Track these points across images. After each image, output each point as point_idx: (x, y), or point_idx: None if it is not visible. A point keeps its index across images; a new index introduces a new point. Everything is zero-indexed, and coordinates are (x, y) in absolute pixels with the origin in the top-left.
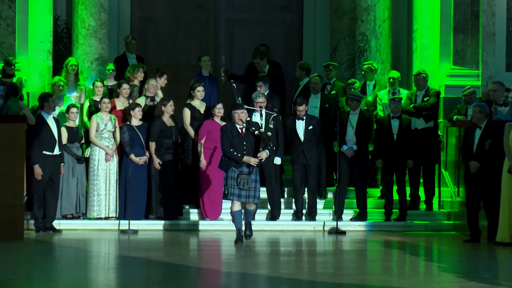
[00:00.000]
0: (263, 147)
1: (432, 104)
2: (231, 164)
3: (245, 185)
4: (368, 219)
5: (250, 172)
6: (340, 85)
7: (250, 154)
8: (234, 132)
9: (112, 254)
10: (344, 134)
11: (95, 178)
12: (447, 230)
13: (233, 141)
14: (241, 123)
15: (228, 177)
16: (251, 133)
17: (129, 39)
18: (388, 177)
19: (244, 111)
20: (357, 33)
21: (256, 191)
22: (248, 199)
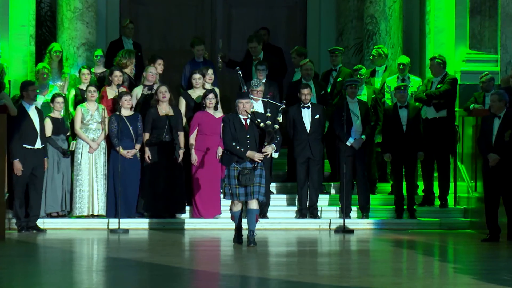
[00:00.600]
0: (269, 141)
1: (442, 92)
2: (233, 159)
3: (247, 181)
4: (377, 216)
5: (254, 168)
6: (347, 72)
7: (254, 148)
8: (237, 123)
9: (100, 256)
10: (349, 126)
11: (78, 173)
12: (463, 228)
13: (236, 134)
14: (246, 114)
15: (230, 175)
16: (256, 125)
17: (126, 23)
18: (398, 172)
19: (250, 101)
20: (366, 15)
21: (261, 187)
22: (252, 196)
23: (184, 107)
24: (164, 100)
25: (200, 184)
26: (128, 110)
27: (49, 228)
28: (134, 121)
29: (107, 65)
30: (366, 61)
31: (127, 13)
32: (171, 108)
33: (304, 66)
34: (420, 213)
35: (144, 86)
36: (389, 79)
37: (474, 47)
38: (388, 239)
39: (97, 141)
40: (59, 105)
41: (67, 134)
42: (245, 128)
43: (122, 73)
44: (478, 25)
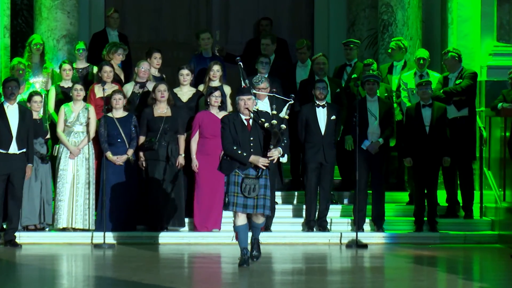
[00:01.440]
0: (275, 144)
1: (464, 88)
2: (234, 166)
3: (251, 192)
4: (393, 229)
5: (259, 176)
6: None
7: (258, 152)
8: (238, 124)
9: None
10: (365, 127)
11: (57, 181)
12: (490, 242)
13: (237, 136)
14: (248, 113)
15: (230, 182)
16: (260, 125)
17: (111, 12)
18: (419, 179)
19: (252, 98)
20: (380, 3)
21: (266, 199)
22: (256, 209)
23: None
24: (163, 100)
25: (200, 194)
26: (120, 111)
27: (25, 242)
28: (127, 123)
29: (90, 60)
30: (381, 55)
31: (113, 2)
32: (169, 108)
33: (317, 60)
34: (442, 226)
35: (135, 83)
36: (406, 75)
37: (502, 39)
38: (406, 255)
39: (79, 145)
40: (37, 104)
41: (46, 137)
42: (248, 129)
43: (113, 68)
44: (507, 14)
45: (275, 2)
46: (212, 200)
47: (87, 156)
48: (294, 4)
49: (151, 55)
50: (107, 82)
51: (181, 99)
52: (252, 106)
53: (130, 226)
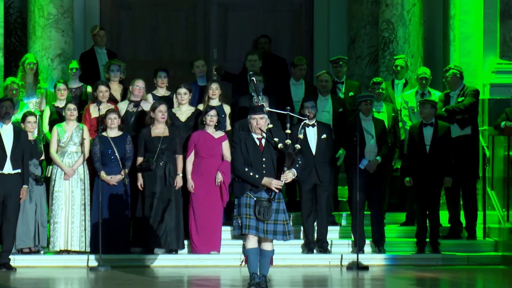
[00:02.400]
0: (289, 166)
1: (467, 106)
2: (245, 188)
3: (265, 215)
4: (395, 250)
5: (271, 199)
6: (355, 85)
7: (271, 174)
8: (250, 144)
9: None
10: (363, 146)
11: (52, 203)
12: (494, 263)
13: (249, 157)
14: (260, 132)
15: (241, 204)
16: (273, 146)
17: (96, 30)
18: (420, 199)
19: (265, 116)
20: (381, 20)
21: (277, 224)
22: (266, 234)
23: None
24: (162, 121)
25: (196, 214)
26: (115, 131)
27: (19, 266)
28: (122, 142)
29: (82, 79)
30: (382, 73)
31: (108, 19)
32: (167, 128)
33: (320, 78)
34: (445, 247)
35: (129, 101)
36: (407, 93)
37: (506, 56)
38: (408, 277)
39: (74, 166)
40: (31, 125)
41: (40, 158)
42: (260, 149)
43: (108, 88)
44: (510, 31)
45: (274, 20)
46: (209, 221)
47: (82, 176)
48: (293, 21)
49: (156, 74)
50: (102, 102)
51: (179, 118)
52: (265, 125)
53: (125, 248)
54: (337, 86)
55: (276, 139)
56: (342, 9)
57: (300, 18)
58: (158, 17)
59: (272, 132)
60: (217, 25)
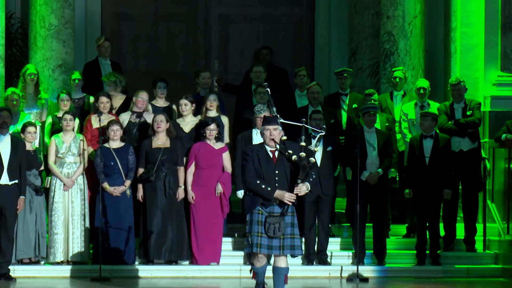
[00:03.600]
0: (303, 179)
1: (479, 119)
2: (257, 202)
3: (276, 231)
4: (395, 262)
5: (284, 213)
6: (359, 97)
7: (284, 187)
8: (262, 156)
9: None
10: (364, 158)
11: (52, 214)
12: (494, 276)
13: (261, 169)
14: (274, 144)
15: (253, 221)
16: (287, 158)
17: (101, 41)
18: (420, 211)
19: (279, 128)
20: (382, 32)
21: (295, 239)
22: (282, 251)
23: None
24: (160, 131)
25: (196, 226)
26: (117, 142)
27: (19, 276)
28: (124, 154)
29: (83, 90)
30: (383, 85)
31: (109, 30)
32: (169, 139)
33: (311, 89)
34: (445, 259)
35: (132, 113)
36: (406, 105)
37: (507, 69)
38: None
39: (73, 177)
40: (31, 135)
41: (40, 168)
42: (273, 161)
43: (110, 99)
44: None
45: (275, 31)
46: (209, 232)
47: (81, 187)
48: (294, 33)
49: (156, 84)
50: (103, 113)
51: (183, 129)
52: (279, 136)
53: (127, 259)
54: (341, 98)
55: (290, 151)
56: (343, 21)
57: (301, 29)
58: (159, 28)
59: (286, 144)
60: (218, 36)
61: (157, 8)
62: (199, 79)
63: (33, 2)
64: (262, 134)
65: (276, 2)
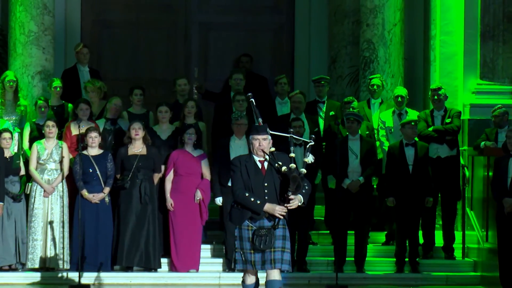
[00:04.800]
0: (294, 191)
1: (459, 127)
2: (245, 215)
3: (264, 245)
4: (374, 270)
5: (275, 227)
6: (336, 105)
7: (274, 200)
8: (250, 167)
9: None
10: (346, 165)
11: (31, 220)
12: (473, 284)
13: (249, 181)
14: (263, 155)
15: (243, 238)
16: (276, 169)
17: (79, 48)
18: (402, 218)
19: (268, 137)
20: (362, 40)
21: (285, 252)
22: (273, 264)
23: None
24: (137, 138)
25: (175, 233)
26: (96, 149)
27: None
28: (103, 161)
29: (62, 97)
30: (362, 92)
31: (89, 37)
32: (145, 146)
33: (293, 98)
34: (424, 267)
35: (106, 120)
36: (384, 113)
37: (486, 77)
38: None
39: (53, 183)
40: (6, 141)
41: (20, 174)
42: (262, 173)
43: (89, 106)
44: (491, 51)
45: (255, 39)
46: (188, 239)
47: (61, 194)
48: (274, 41)
49: (132, 92)
50: (83, 120)
51: (160, 136)
52: (268, 147)
53: (105, 266)
54: (318, 106)
55: (280, 162)
56: (323, 29)
57: (281, 37)
58: (139, 35)
59: (274, 155)
60: (198, 44)
61: (137, 16)
62: (175, 87)
63: (13, 8)
64: (250, 144)
65: (256, 10)
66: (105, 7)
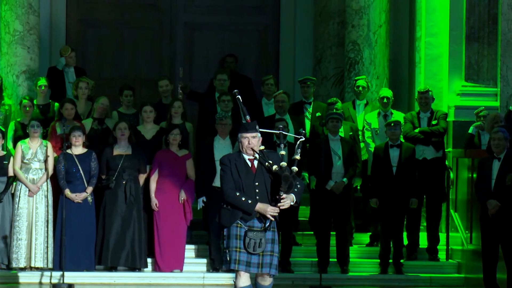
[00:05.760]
0: (286, 190)
1: (445, 129)
2: (236, 216)
3: (256, 247)
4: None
5: (266, 228)
6: (323, 106)
7: (265, 200)
8: (241, 166)
9: None
10: (329, 167)
11: (16, 219)
12: (457, 285)
13: (240, 180)
14: (252, 153)
15: (231, 235)
16: (267, 168)
17: (68, 53)
18: (385, 220)
19: (258, 135)
20: (347, 41)
21: (274, 256)
22: (262, 268)
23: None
24: (123, 138)
25: (159, 233)
26: (79, 148)
27: None
28: (87, 160)
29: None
30: (347, 93)
31: (75, 36)
32: (130, 147)
33: (277, 98)
34: (408, 268)
35: (94, 119)
36: (369, 114)
37: (471, 79)
38: None
39: (38, 183)
40: None
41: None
42: (252, 171)
43: (75, 105)
44: (476, 53)
45: (240, 39)
46: (172, 239)
47: (46, 193)
48: (259, 41)
49: (122, 92)
50: (68, 119)
51: (145, 136)
52: (258, 145)
53: (89, 266)
54: (305, 106)
55: (270, 161)
56: (308, 30)
57: (266, 38)
58: (124, 35)
59: (265, 154)
60: (183, 44)
61: (122, 15)
62: (158, 88)
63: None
64: (239, 142)
65: (242, 11)
66: (90, 7)
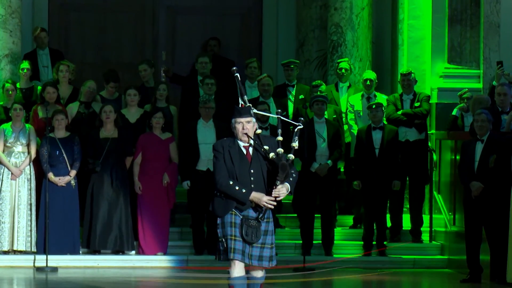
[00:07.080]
0: (282, 179)
1: (428, 111)
2: (230, 205)
3: (254, 238)
4: (341, 253)
5: (260, 219)
6: (306, 88)
7: (261, 189)
8: (235, 153)
9: None
10: (314, 149)
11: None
12: (440, 267)
13: (234, 168)
14: (247, 139)
15: (226, 223)
16: (263, 155)
17: (37, 32)
18: (368, 202)
19: (253, 120)
20: (330, 24)
21: (265, 248)
22: (251, 260)
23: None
24: (108, 121)
25: (143, 216)
26: (62, 132)
27: None
28: (70, 143)
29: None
30: (330, 76)
31: (57, 20)
32: (116, 130)
33: (262, 81)
34: (391, 250)
35: (80, 103)
36: (353, 97)
37: (454, 61)
38: (355, 280)
39: (21, 166)
40: None
41: None
42: (247, 159)
43: (56, 89)
44: (458, 35)
45: (223, 22)
46: (156, 222)
47: (29, 177)
48: (242, 25)
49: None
50: (50, 103)
51: (129, 120)
52: (253, 130)
53: (73, 249)
54: (288, 89)
55: (266, 147)
56: (291, 13)
57: (249, 21)
58: (107, 19)
59: (260, 138)
60: (165, 28)
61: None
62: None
63: None
64: (233, 128)
65: None
66: None
